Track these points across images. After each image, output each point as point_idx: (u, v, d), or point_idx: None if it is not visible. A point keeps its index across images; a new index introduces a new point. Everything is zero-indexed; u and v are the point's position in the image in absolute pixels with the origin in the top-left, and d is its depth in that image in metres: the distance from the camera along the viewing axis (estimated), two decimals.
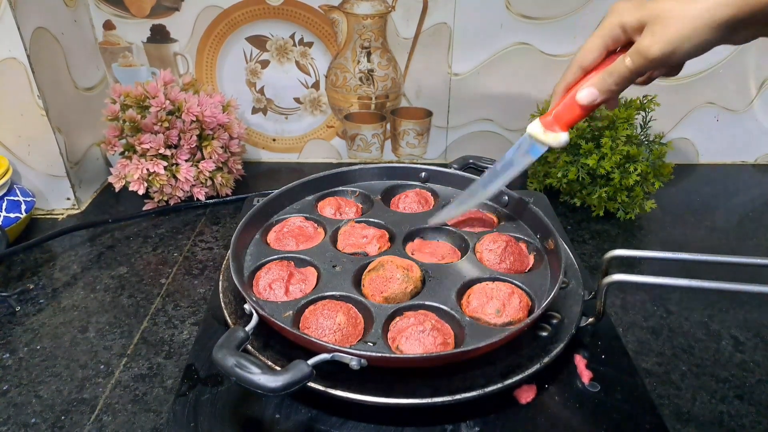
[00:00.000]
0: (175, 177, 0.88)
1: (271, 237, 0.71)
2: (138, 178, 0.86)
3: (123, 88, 0.88)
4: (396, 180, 0.83)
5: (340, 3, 0.94)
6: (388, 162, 1.08)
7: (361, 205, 0.79)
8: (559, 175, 0.88)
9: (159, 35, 0.97)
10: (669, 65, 0.50)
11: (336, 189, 0.81)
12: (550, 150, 0.60)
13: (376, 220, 0.73)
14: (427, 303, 0.58)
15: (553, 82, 0.91)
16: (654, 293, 0.70)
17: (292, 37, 0.97)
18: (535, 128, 0.59)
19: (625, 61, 0.50)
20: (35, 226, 0.88)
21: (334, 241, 0.70)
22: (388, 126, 1.06)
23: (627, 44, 0.51)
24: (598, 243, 0.82)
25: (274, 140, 1.08)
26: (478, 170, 0.83)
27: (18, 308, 0.70)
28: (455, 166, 0.83)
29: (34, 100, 0.81)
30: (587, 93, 0.53)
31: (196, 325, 0.66)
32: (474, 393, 0.50)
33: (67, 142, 0.88)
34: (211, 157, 0.90)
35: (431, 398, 0.49)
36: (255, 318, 0.54)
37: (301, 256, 0.66)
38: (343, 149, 1.09)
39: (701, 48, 0.47)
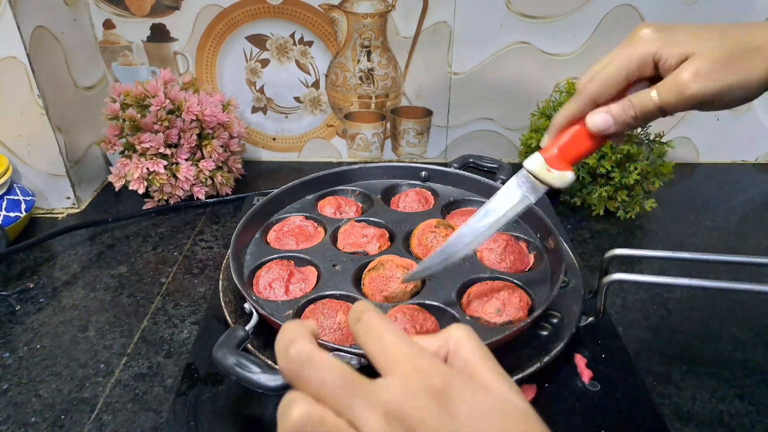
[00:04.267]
0: (175, 176, 0.88)
1: (271, 236, 0.71)
2: (138, 177, 0.86)
3: (123, 87, 0.88)
4: (396, 179, 0.83)
5: (340, 2, 0.94)
6: (388, 161, 1.08)
7: (361, 205, 0.79)
8: None
9: (159, 34, 0.97)
10: (697, 109, 0.44)
11: (336, 188, 0.81)
12: (550, 191, 0.51)
13: (376, 220, 0.73)
14: (427, 302, 0.58)
15: (553, 82, 0.92)
16: (654, 292, 0.70)
17: (292, 36, 0.97)
18: (536, 164, 0.50)
19: (652, 95, 0.44)
20: (35, 226, 0.88)
21: (334, 240, 0.70)
22: (388, 125, 1.06)
23: (653, 78, 0.45)
24: (598, 242, 0.82)
25: (274, 139, 1.08)
26: (478, 169, 0.83)
27: (18, 307, 0.70)
28: (455, 165, 0.83)
29: (33, 99, 0.81)
30: (602, 119, 0.46)
31: (196, 324, 0.66)
32: None
33: (67, 141, 0.88)
34: (211, 156, 0.89)
35: None
36: (255, 317, 0.54)
37: (301, 256, 0.66)
38: (343, 148, 1.09)
39: (736, 102, 0.43)
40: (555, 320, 0.58)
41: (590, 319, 0.58)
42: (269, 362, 0.53)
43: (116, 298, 0.72)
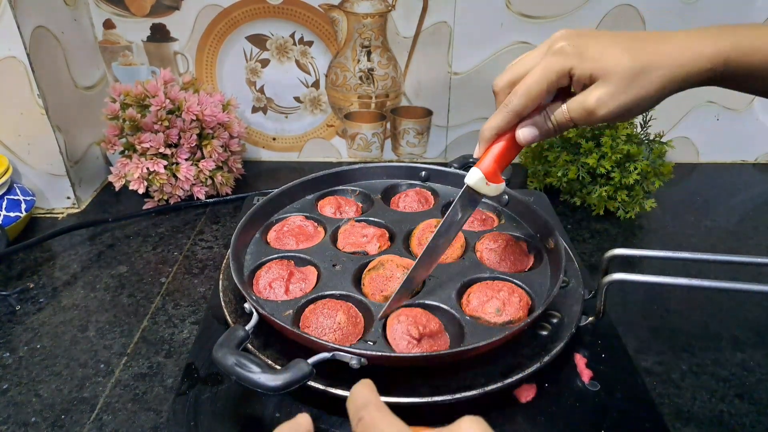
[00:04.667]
0: (175, 176, 0.88)
1: (271, 236, 0.71)
2: (138, 177, 0.86)
3: (123, 87, 0.88)
4: (396, 179, 0.83)
5: (340, 2, 0.94)
6: (388, 161, 1.08)
7: (361, 204, 0.79)
8: (559, 174, 0.88)
9: (159, 34, 0.97)
10: (609, 122, 0.50)
11: (336, 188, 0.81)
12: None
13: (376, 219, 0.73)
14: (427, 302, 0.58)
15: None
16: (654, 292, 0.70)
17: (292, 36, 0.97)
18: (477, 179, 0.54)
19: (565, 112, 0.49)
20: (35, 225, 0.88)
21: (334, 240, 0.70)
22: (388, 125, 1.06)
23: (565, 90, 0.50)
24: (598, 242, 0.82)
25: (274, 139, 1.08)
26: None
27: (18, 307, 0.70)
28: (455, 165, 0.83)
29: (33, 99, 0.81)
30: (530, 132, 0.51)
31: (196, 324, 0.66)
32: (474, 392, 0.50)
33: (67, 140, 0.88)
34: (211, 156, 0.89)
35: (431, 397, 0.49)
36: (255, 317, 0.54)
37: (301, 255, 0.66)
38: (343, 148, 1.09)
39: (635, 115, 0.48)
40: (555, 320, 0.58)
41: (590, 319, 0.58)
42: (269, 362, 0.53)
43: (116, 298, 0.72)
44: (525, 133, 0.51)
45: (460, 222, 0.58)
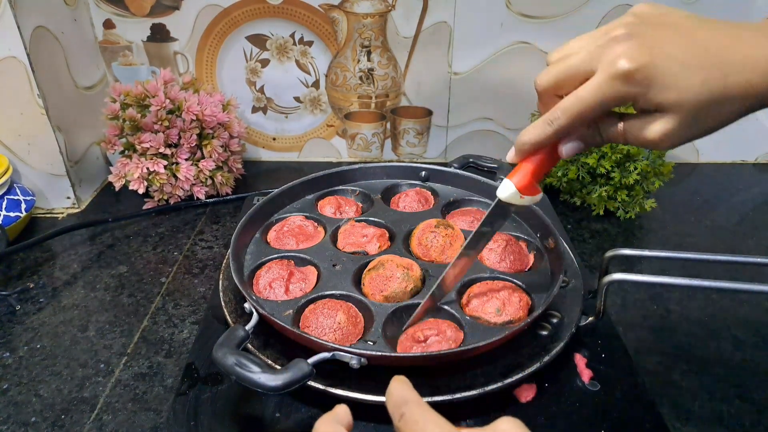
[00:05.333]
0: (175, 176, 0.88)
1: (271, 236, 0.71)
2: (138, 177, 0.86)
3: (123, 87, 0.88)
4: (396, 179, 0.83)
5: (340, 2, 0.94)
6: (388, 161, 1.08)
7: (361, 204, 0.79)
8: (559, 174, 0.88)
9: (159, 34, 0.97)
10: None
11: (336, 188, 0.81)
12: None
13: (376, 219, 0.73)
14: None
15: None
16: (654, 292, 0.70)
17: (292, 36, 0.97)
18: (509, 194, 0.49)
19: (620, 131, 0.43)
20: (35, 225, 0.88)
21: (334, 240, 0.70)
22: (388, 125, 1.06)
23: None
24: (598, 242, 0.82)
25: (274, 139, 1.08)
26: (478, 169, 0.83)
27: (18, 307, 0.70)
28: (455, 165, 0.83)
29: (34, 99, 0.81)
30: (574, 147, 0.45)
31: (196, 324, 0.66)
32: (474, 392, 0.50)
33: (67, 140, 0.88)
34: (211, 156, 0.89)
35: (431, 397, 0.49)
36: (255, 317, 0.54)
37: (301, 255, 0.66)
38: (343, 148, 1.09)
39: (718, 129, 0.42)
40: (555, 320, 0.58)
41: (590, 319, 0.58)
42: (269, 362, 0.53)
43: (116, 298, 0.72)
44: (569, 148, 0.45)
45: (489, 235, 0.55)
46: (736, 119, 0.42)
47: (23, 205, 0.82)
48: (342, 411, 0.37)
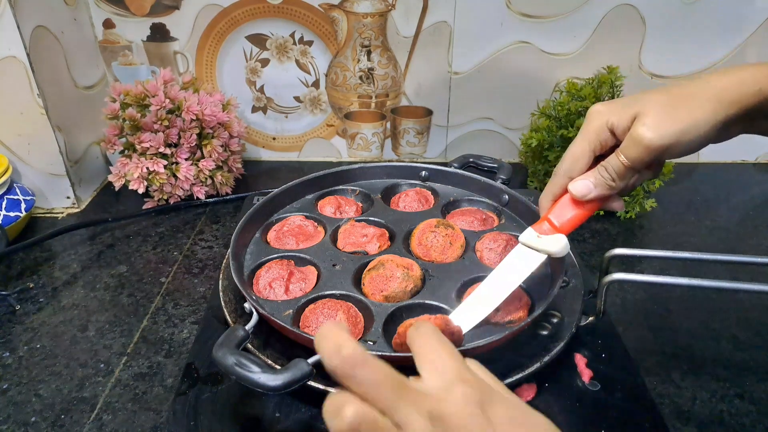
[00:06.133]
0: (175, 176, 0.88)
1: (271, 236, 0.71)
2: (138, 177, 0.86)
3: (123, 86, 0.87)
4: (396, 179, 0.83)
5: (340, 1, 0.94)
6: (388, 161, 1.08)
7: (361, 204, 0.79)
8: None
9: (159, 34, 0.97)
10: (663, 158, 0.48)
11: (336, 188, 0.81)
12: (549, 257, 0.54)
13: (376, 219, 0.73)
14: (427, 302, 0.58)
15: (553, 81, 0.91)
16: (654, 292, 0.70)
17: (292, 35, 0.97)
18: (529, 237, 0.55)
19: (619, 157, 0.49)
20: (35, 225, 0.88)
21: (334, 239, 0.70)
22: (388, 125, 1.06)
23: (614, 147, 0.50)
24: (599, 242, 0.82)
25: (274, 139, 1.08)
26: (478, 169, 0.83)
27: (18, 307, 0.70)
28: (455, 164, 0.83)
29: (33, 99, 0.81)
30: (581, 185, 0.51)
31: (196, 324, 0.66)
32: None
33: (67, 140, 0.88)
34: (211, 156, 0.89)
35: None
36: (255, 317, 0.54)
37: (301, 255, 0.66)
38: (343, 148, 1.09)
39: (697, 143, 0.47)
40: (555, 320, 0.58)
41: (590, 319, 0.58)
42: (269, 362, 0.53)
43: (116, 298, 0.72)
44: (577, 185, 0.52)
45: (511, 281, 0.55)
46: (717, 115, 0.45)
47: (23, 205, 0.82)
48: (344, 325, 0.38)
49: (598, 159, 0.52)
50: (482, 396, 0.30)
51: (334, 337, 0.31)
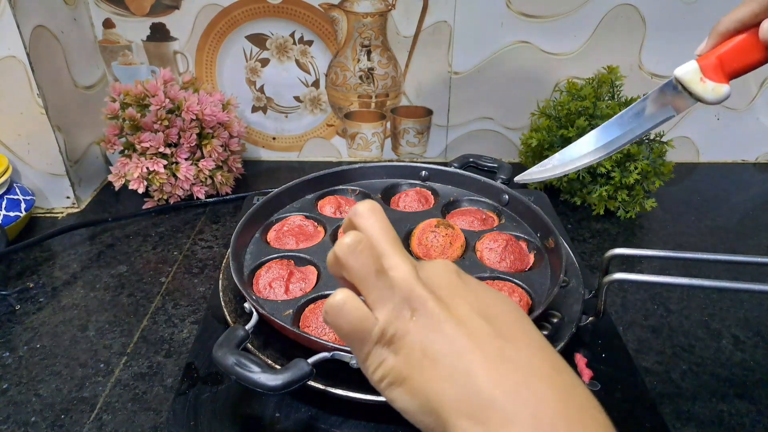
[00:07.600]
0: (174, 175, 0.88)
1: (271, 236, 0.71)
2: (138, 177, 0.86)
3: (123, 86, 0.87)
4: (396, 179, 0.83)
5: (340, 1, 0.93)
6: (388, 161, 1.08)
7: None
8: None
9: (159, 33, 0.97)
10: None
11: (336, 188, 0.81)
12: (697, 102, 0.45)
13: None
14: None
15: (553, 81, 0.91)
16: (654, 292, 0.70)
17: (292, 35, 0.97)
18: (689, 72, 0.44)
19: None
20: (35, 225, 0.88)
21: (334, 239, 0.70)
22: (388, 124, 1.06)
23: None
24: (599, 242, 0.82)
25: (274, 139, 1.08)
26: (478, 169, 0.83)
27: (18, 307, 0.70)
28: (455, 164, 0.83)
29: (33, 99, 0.81)
30: None
31: (196, 324, 0.66)
32: None
33: (67, 140, 0.88)
34: (210, 156, 0.89)
35: None
36: (255, 317, 0.54)
37: (301, 255, 0.66)
38: (343, 148, 1.09)
39: None
40: (555, 320, 0.58)
41: (590, 318, 0.58)
42: (269, 362, 0.53)
43: (116, 298, 0.72)
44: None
45: (649, 122, 0.48)
46: None
47: (23, 205, 0.82)
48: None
49: None
50: (457, 269, 0.35)
51: (354, 234, 0.36)
